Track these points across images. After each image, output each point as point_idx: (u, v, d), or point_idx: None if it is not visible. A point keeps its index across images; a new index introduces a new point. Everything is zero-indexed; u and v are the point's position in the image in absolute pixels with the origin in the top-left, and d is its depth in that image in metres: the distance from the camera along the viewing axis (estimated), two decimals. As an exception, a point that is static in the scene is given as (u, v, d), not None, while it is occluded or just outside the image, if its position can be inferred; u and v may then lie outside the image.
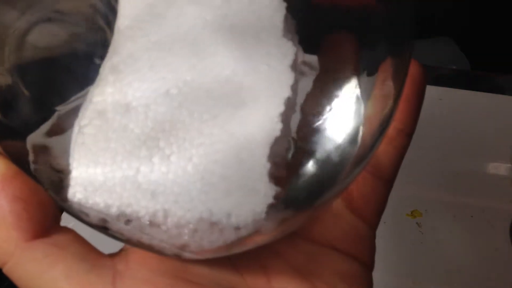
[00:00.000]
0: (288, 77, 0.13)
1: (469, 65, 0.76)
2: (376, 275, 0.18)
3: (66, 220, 0.14)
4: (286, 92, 0.13)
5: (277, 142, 0.13)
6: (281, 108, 0.13)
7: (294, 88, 0.14)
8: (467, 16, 0.83)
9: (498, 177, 0.49)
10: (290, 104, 0.13)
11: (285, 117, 0.13)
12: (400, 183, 0.49)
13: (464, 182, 0.48)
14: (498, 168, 0.49)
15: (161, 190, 0.13)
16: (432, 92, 0.57)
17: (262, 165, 0.13)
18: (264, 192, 0.13)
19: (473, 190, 0.47)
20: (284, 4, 0.14)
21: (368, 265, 0.18)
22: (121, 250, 0.15)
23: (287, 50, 0.14)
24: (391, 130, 0.17)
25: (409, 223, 0.45)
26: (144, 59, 0.13)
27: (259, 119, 0.13)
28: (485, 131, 0.52)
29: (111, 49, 0.14)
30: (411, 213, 0.46)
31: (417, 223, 0.45)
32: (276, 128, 0.13)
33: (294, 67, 0.14)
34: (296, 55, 0.14)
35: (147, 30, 0.13)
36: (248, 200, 0.13)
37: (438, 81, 0.59)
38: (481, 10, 0.81)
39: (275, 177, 0.13)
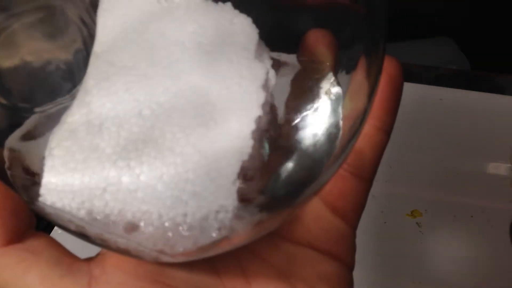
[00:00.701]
0: (259, 97, 0.14)
1: (469, 65, 0.76)
2: (376, 275, 0.18)
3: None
4: (257, 112, 0.13)
5: (250, 159, 0.13)
6: (252, 126, 0.13)
7: (266, 108, 0.14)
8: (467, 16, 0.83)
9: (498, 177, 0.49)
10: (261, 122, 0.14)
11: (257, 135, 0.13)
12: (400, 183, 0.49)
13: (464, 182, 0.48)
14: (498, 168, 0.49)
15: (128, 208, 0.13)
16: (432, 92, 0.57)
17: (231, 183, 0.13)
18: (231, 209, 0.13)
19: (473, 190, 0.47)
20: (257, 30, 0.14)
21: (348, 265, 0.18)
22: (97, 254, 0.15)
23: (259, 71, 0.14)
24: (370, 128, 0.17)
25: (409, 223, 0.45)
26: (120, 83, 0.13)
27: (230, 138, 0.13)
28: (485, 131, 0.52)
29: (88, 72, 0.14)
30: (411, 213, 0.46)
31: (417, 223, 0.45)
32: (247, 145, 0.13)
33: (266, 87, 0.14)
34: (267, 75, 0.14)
35: (123, 55, 0.14)
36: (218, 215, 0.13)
37: (438, 81, 0.59)
38: (481, 10, 0.81)
39: (252, 177, 0.13)
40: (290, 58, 0.15)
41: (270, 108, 0.14)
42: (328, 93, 0.15)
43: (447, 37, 0.81)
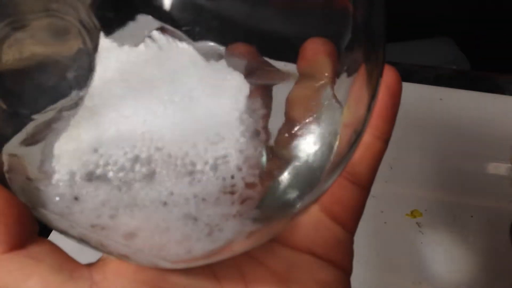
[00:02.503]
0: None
1: (469, 65, 0.76)
2: (376, 275, 0.18)
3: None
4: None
5: (248, 168, 0.14)
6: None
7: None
8: (467, 16, 0.83)
9: (498, 177, 0.49)
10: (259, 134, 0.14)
11: (255, 144, 0.14)
12: (400, 183, 0.49)
13: (464, 182, 0.48)
14: (498, 168, 0.49)
15: (127, 218, 0.13)
16: (432, 92, 0.57)
17: (230, 191, 0.13)
18: (231, 218, 0.13)
19: (473, 190, 0.47)
20: (248, 85, 0.14)
21: (346, 270, 0.18)
22: (99, 260, 0.15)
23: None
24: (368, 137, 0.18)
25: (409, 223, 0.45)
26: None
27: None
28: (485, 131, 0.52)
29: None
30: (411, 213, 0.46)
31: (417, 223, 0.45)
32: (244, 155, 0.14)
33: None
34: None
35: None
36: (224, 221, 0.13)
37: (438, 81, 0.59)
38: (481, 10, 0.81)
39: (251, 185, 0.13)
40: (289, 67, 0.15)
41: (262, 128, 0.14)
42: (327, 102, 0.15)
43: (447, 37, 0.81)
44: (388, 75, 0.17)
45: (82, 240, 0.14)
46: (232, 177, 0.13)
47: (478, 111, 0.55)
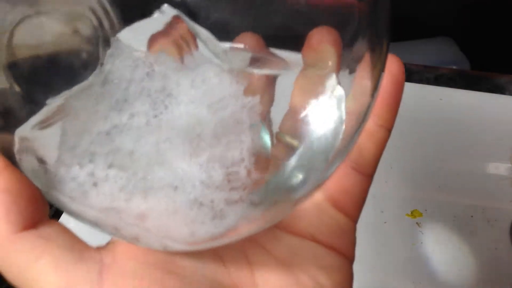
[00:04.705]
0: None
1: (469, 65, 0.76)
2: (376, 275, 0.18)
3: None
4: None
5: (255, 152, 0.14)
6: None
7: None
8: (467, 16, 0.83)
9: (498, 177, 0.49)
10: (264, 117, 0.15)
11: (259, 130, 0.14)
12: (400, 183, 0.49)
13: (464, 182, 0.48)
14: (498, 168, 0.49)
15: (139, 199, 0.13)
16: (432, 92, 0.57)
17: (238, 173, 0.14)
18: (238, 199, 0.14)
19: (473, 190, 0.47)
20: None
21: (349, 258, 0.18)
22: (108, 243, 0.15)
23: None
24: (372, 126, 0.18)
25: (409, 223, 0.45)
26: None
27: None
28: (485, 131, 0.52)
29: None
30: (411, 213, 0.46)
31: (417, 223, 0.45)
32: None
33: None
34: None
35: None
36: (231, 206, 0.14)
37: (438, 81, 0.59)
38: (481, 10, 0.81)
39: (256, 171, 0.14)
40: (295, 56, 0.15)
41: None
42: (332, 90, 0.15)
43: (447, 37, 0.81)
44: (392, 63, 0.17)
45: (94, 223, 0.14)
46: (237, 163, 0.14)
47: (478, 111, 0.55)
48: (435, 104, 0.56)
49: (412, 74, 0.59)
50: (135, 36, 0.14)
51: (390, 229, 0.45)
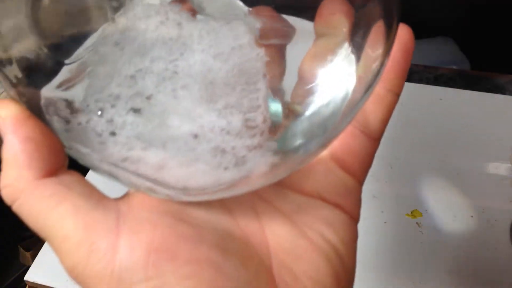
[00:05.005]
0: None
1: (469, 65, 0.77)
2: (376, 275, 0.18)
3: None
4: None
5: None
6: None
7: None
8: (467, 16, 0.83)
9: (498, 177, 0.49)
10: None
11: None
12: (400, 183, 0.49)
13: (464, 182, 0.48)
14: (498, 168, 0.50)
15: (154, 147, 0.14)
16: (432, 92, 0.57)
17: (251, 124, 0.15)
18: (250, 148, 0.14)
19: (473, 190, 0.47)
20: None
21: (354, 217, 0.19)
22: (124, 195, 0.16)
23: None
24: (381, 90, 0.18)
25: (409, 223, 0.45)
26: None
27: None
28: (485, 131, 0.53)
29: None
30: (411, 213, 0.46)
31: (417, 223, 0.45)
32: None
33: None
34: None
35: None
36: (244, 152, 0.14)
37: (438, 81, 0.59)
38: (481, 11, 0.81)
39: (270, 126, 0.15)
40: (307, 25, 0.15)
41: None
42: (343, 59, 0.15)
43: (447, 37, 0.81)
44: (403, 31, 0.18)
45: (112, 174, 0.15)
46: (254, 108, 0.15)
47: (478, 111, 0.55)
48: (435, 104, 0.56)
49: (412, 74, 0.59)
50: None
51: (390, 229, 0.45)
